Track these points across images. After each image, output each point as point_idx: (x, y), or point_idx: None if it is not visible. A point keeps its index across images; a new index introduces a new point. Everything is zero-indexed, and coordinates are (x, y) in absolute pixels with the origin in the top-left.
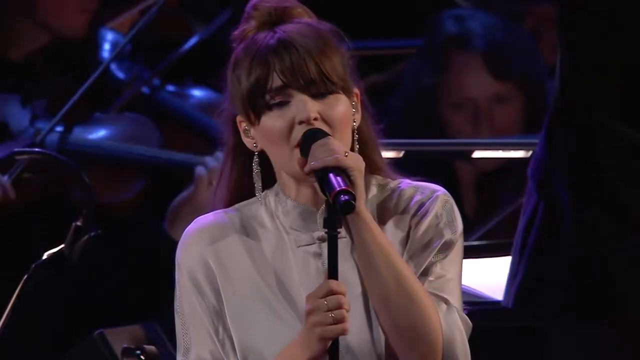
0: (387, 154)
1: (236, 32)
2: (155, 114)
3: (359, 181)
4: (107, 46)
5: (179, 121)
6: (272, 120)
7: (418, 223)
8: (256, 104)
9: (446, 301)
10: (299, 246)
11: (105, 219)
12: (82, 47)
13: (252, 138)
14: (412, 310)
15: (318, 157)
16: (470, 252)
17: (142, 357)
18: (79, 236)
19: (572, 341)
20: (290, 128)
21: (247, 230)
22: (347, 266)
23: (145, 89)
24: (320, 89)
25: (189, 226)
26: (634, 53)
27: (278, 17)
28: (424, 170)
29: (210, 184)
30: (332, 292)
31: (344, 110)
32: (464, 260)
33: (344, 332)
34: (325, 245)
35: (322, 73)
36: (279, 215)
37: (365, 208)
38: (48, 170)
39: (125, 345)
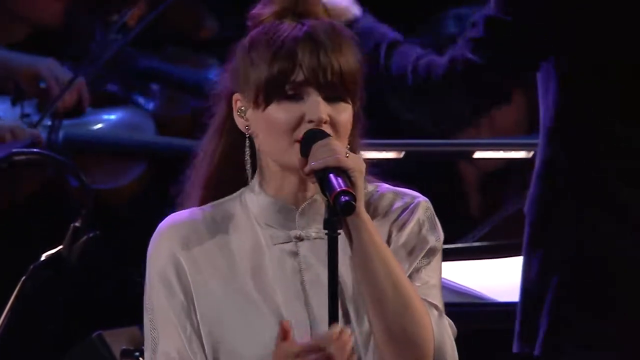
0: (388, 155)
1: (254, 12)
2: (140, 79)
3: (360, 182)
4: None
5: (166, 82)
6: (281, 112)
7: (400, 229)
8: (272, 92)
9: (436, 307)
10: (274, 244)
11: (104, 217)
12: (63, 37)
13: (247, 120)
14: (406, 315)
15: (319, 157)
16: (473, 253)
17: (140, 358)
18: (77, 237)
19: (572, 341)
20: (298, 124)
21: (221, 227)
22: (324, 270)
23: (121, 59)
24: (335, 92)
25: (162, 222)
26: (634, 53)
27: (302, 8)
28: (425, 170)
29: None
30: (319, 349)
31: (348, 119)
32: (466, 261)
33: None
34: (301, 245)
35: (342, 78)
36: (255, 211)
37: (365, 210)
38: (47, 170)
39: (124, 347)
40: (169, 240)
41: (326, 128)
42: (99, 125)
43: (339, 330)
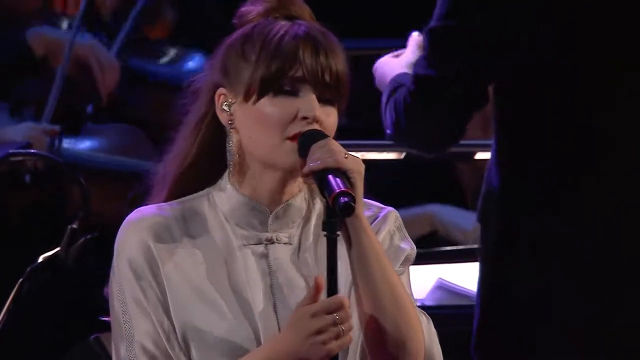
0: (389, 156)
1: (243, 9)
2: (132, 81)
3: (359, 184)
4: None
5: (158, 82)
6: (274, 107)
7: None
8: (267, 86)
9: (425, 313)
10: (244, 245)
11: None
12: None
13: (231, 114)
14: (401, 318)
15: (318, 158)
16: (473, 256)
17: None
18: (75, 239)
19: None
20: (290, 120)
21: (190, 224)
22: (292, 272)
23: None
24: (329, 94)
25: (131, 214)
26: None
27: (290, 10)
28: (425, 172)
29: None
30: (343, 307)
31: (334, 123)
32: (467, 264)
33: (349, 343)
34: (271, 247)
35: (338, 81)
36: (225, 210)
37: (363, 212)
38: (43, 171)
39: None
40: (140, 232)
41: (317, 127)
42: (97, 146)
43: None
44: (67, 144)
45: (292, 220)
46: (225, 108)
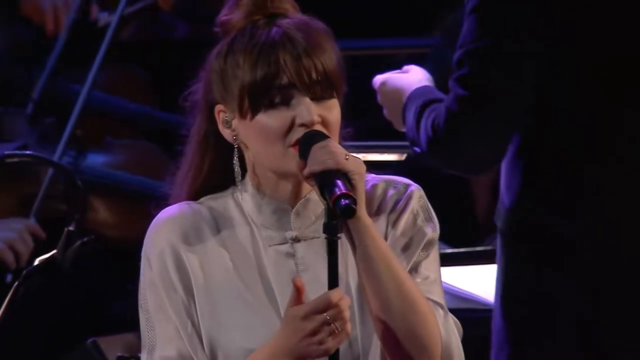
0: (389, 157)
1: (223, 19)
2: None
3: (360, 185)
4: None
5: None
6: (271, 119)
7: (396, 220)
8: (257, 100)
9: (442, 306)
10: (270, 245)
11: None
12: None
13: (234, 130)
14: (412, 317)
15: (318, 159)
16: (484, 258)
17: None
18: (71, 241)
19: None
20: (289, 129)
21: (217, 223)
22: (322, 270)
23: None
24: (322, 91)
25: (157, 216)
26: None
27: (270, 8)
28: (428, 172)
29: None
30: (332, 305)
31: (338, 115)
32: (476, 267)
33: (347, 337)
34: (298, 246)
35: (327, 76)
36: (250, 211)
37: (365, 213)
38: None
39: (120, 354)
40: (168, 233)
41: (319, 129)
42: (116, 162)
43: (340, 293)
44: (89, 158)
45: (315, 215)
46: (227, 125)
